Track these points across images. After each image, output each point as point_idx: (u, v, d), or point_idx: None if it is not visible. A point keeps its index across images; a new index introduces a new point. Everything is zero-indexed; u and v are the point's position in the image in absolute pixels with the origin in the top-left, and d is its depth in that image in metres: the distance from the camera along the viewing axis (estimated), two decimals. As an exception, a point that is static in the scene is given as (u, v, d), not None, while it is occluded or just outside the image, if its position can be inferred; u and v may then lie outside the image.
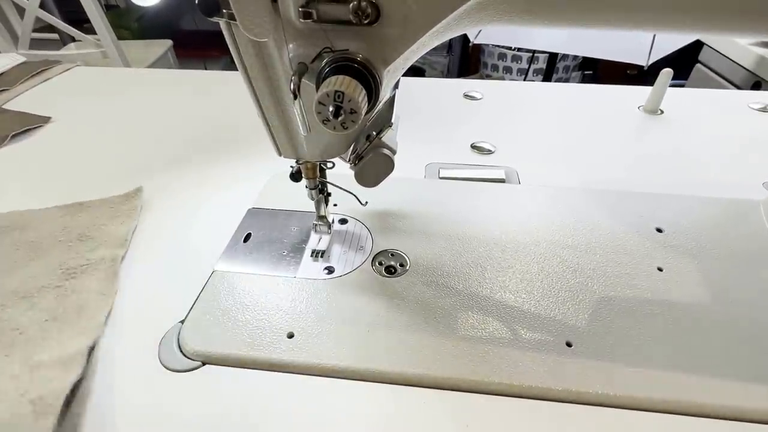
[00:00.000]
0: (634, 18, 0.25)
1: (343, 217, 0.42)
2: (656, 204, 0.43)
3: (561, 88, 0.71)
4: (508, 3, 0.24)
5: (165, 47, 1.58)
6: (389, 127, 0.31)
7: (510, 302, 0.34)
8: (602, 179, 0.48)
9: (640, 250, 0.38)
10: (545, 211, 0.42)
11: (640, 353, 0.30)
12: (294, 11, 0.23)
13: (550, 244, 0.38)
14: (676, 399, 0.27)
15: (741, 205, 0.42)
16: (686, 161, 0.51)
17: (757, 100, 0.64)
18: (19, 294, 0.32)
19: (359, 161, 0.31)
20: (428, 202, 0.43)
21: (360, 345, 0.31)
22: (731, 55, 1.17)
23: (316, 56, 0.24)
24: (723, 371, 0.29)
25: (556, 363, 0.29)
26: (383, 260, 0.37)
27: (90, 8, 1.15)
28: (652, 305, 0.33)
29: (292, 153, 0.33)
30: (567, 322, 0.32)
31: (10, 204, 0.46)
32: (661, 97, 0.60)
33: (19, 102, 0.67)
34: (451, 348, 0.30)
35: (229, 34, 0.25)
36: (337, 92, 0.22)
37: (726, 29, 0.25)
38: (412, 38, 0.23)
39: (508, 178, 0.48)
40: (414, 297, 0.34)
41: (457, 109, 0.64)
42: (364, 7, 0.22)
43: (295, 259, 0.37)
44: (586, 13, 0.25)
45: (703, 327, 0.32)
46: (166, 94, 0.70)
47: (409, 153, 0.44)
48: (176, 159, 0.53)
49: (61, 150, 0.55)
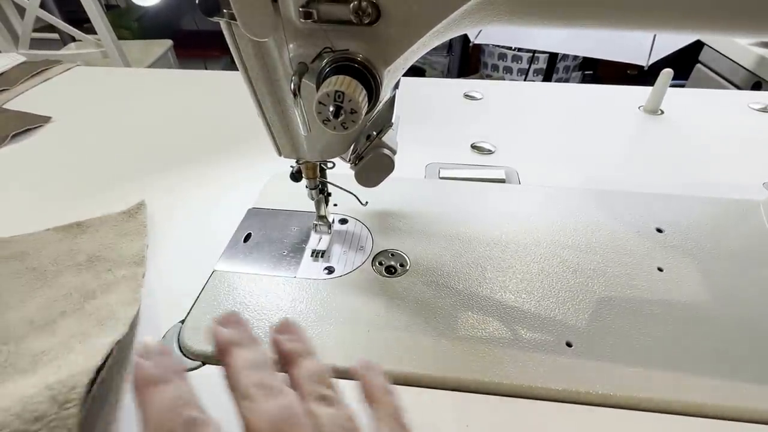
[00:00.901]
0: (635, 19, 0.25)
1: (343, 217, 0.42)
2: (656, 204, 0.43)
3: (561, 88, 0.71)
4: (508, 3, 0.24)
5: (165, 47, 1.58)
6: (389, 127, 0.31)
7: (510, 302, 0.34)
8: (602, 179, 0.48)
9: (640, 250, 0.38)
10: (545, 211, 0.42)
11: (640, 353, 0.30)
12: (294, 11, 0.23)
13: (550, 244, 0.38)
14: (677, 399, 0.27)
15: (741, 206, 0.42)
16: (686, 161, 0.51)
17: (757, 100, 0.64)
18: (36, 323, 0.31)
19: (359, 161, 0.31)
20: (428, 202, 0.43)
21: (360, 345, 0.31)
22: (731, 55, 1.17)
23: (316, 56, 0.24)
24: (724, 371, 0.29)
25: (557, 363, 0.29)
26: (383, 260, 0.37)
27: (90, 8, 1.15)
28: (652, 305, 0.33)
29: (293, 153, 0.33)
30: (567, 322, 0.32)
31: (10, 204, 0.46)
32: (662, 97, 0.60)
33: (19, 102, 0.67)
34: (451, 348, 0.30)
35: (230, 34, 0.25)
36: (337, 92, 0.22)
37: (727, 29, 0.25)
38: (413, 38, 0.23)
39: (509, 178, 0.48)
40: (414, 297, 0.34)
41: (458, 109, 0.64)
42: (364, 7, 0.22)
43: (296, 259, 0.37)
44: (586, 14, 0.25)
45: (704, 327, 0.32)
46: (167, 94, 0.70)
47: (409, 153, 0.44)
48: (176, 159, 0.53)
49: (61, 150, 0.55)
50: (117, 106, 0.66)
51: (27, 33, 1.20)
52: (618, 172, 0.50)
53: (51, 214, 0.43)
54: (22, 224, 0.43)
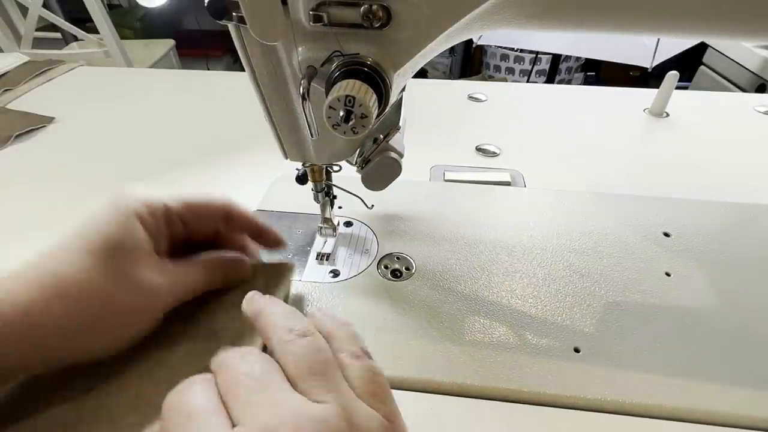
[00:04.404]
0: (644, 23, 0.25)
1: (348, 220, 0.41)
2: (663, 208, 0.42)
3: (566, 90, 0.71)
4: (518, 7, 0.24)
5: (167, 47, 1.58)
6: (397, 130, 0.31)
7: (517, 307, 0.33)
8: (609, 182, 0.48)
9: (647, 255, 0.38)
10: (551, 214, 0.42)
11: (649, 359, 0.30)
12: (304, 14, 0.22)
13: (556, 248, 0.38)
14: (686, 406, 0.27)
15: (749, 210, 0.42)
16: (693, 164, 0.51)
17: (763, 103, 0.64)
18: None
19: (366, 164, 0.31)
20: (433, 204, 0.43)
21: (366, 350, 0.30)
22: (736, 58, 1.17)
23: (325, 60, 0.24)
24: (733, 379, 0.28)
25: (564, 369, 0.29)
26: (389, 263, 0.37)
27: (93, 8, 1.15)
28: (660, 310, 0.33)
29: (299, 156, 0.32)
30: (574, 327, 0.32)
31: (13, 204, 0.46)
32: (667, 99, 0.60)
33: (22, 102, 0.67)
34: (458, 353, 0.30)
35: (238, 36, 0.25)
36: (348, 97, 0.22)
37: (732, 33, 0.24)
38: (423, 42, 0.23)
39: (514, 181, 0.48)
40: (420, 301, 0.34)
41: (462, 111, 0.64)
42: (375, 11, 0.22)
43: (300, 262, 0.37)
44: (595, 18, 0.24)
45: (713, 333, 0.31)
46: (170, 94, 0.70)
47: (413, 155, 0.43)
48: (180, 160, 0.53)
49: (64, 150, 0.55)
50: (120, 107, 0.66)
51: (30, 32, 1.20)
52: (624, 175, 0.49)
53: (53, 215, 0.43)
54: (23, 224, 0.43)
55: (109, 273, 0.24)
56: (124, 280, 0.24)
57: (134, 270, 0.25)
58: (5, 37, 1.19)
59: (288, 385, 0.18)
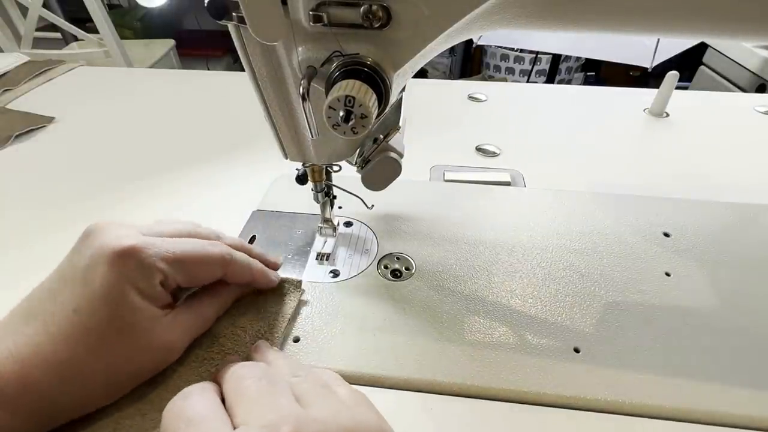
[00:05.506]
0: (644, 22, 0.25)
1: (348, 220, 0.41)
2: (663, 208, 0.42)
3: (566, 90, 0.71)
4: (519, 7, 0.24)
5: (167, 47, 1.58)
6: (397, 130, 0.31)
7: (517, 307, 0.33)
8: (609, 183, 0.48)
9: (647, 255, 0.38)
10: (551, 214, 0.42)
11: (649, 360, 0.30)
12: (304, 14, 0.22)
13: (556, 248, 0.38)
14: (687, 407, 0.27)
15: (749, 210, 0.42)
16: (693, 164, 0.51)
17: (762, 103, 0.64)
18: None
19: (366, 164, 0.31)
20: (433, 204, 0.43)
21: (367, 350, 0.30)
22: (736, 58, 1.17)
23: (325, 60, 0.24)
24: (733, 379, 0.28)
25: (564, 369, 0.29)
26: (389, 263, 0.37)
27: (93, 7, 1.15)
28: (660, 310, 0.33)
29: (299, 156, 0.32)
30: (574, 327, 0.32)
31: (13, 204, 0.46)
32: (667, 99, 0.60)
33: (22, 102, 0.67)
34: (458, 353, 0.30)
35: (238, 37, 0.25)
36: (347, 97, 0.22)
37: (733, 34, 0.24)
38: (423, 42, 0.23)
39: (514, 181, 0.48)
40: (420, 301, 0.34)
41: (462, 111, 0.64)
42: (375, 11, 0.22)
43: (300, 262, 0.37)
44: (595, 18, 0.24)
45: (713, 333, 0.31)
46: (171, 94, 0.70)
47: (413, 155, 0.43)
48: (180, 159, 0.53)
49: (64, 150, 0.55)
50: (120, 107, 0.66)
51: (30, 32, 1.20)
52: (624, 176, 0.49)
53: (53, 215, 0.43)
54: (23, 224, 0.43)
55: (120, 352, 0.24)
56: (137, 351, 0.25)
57: (143, 339, 0.25)
58: (5, 37, 1.19)
59: (292, 397, 0.20)
